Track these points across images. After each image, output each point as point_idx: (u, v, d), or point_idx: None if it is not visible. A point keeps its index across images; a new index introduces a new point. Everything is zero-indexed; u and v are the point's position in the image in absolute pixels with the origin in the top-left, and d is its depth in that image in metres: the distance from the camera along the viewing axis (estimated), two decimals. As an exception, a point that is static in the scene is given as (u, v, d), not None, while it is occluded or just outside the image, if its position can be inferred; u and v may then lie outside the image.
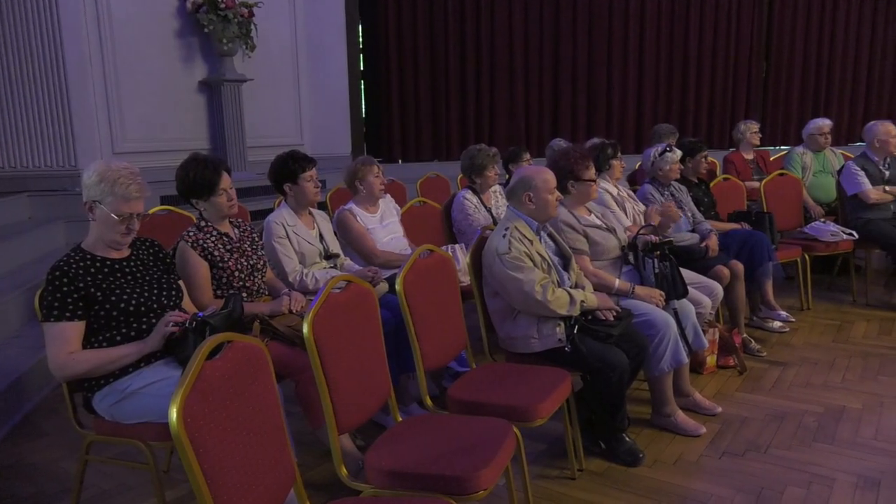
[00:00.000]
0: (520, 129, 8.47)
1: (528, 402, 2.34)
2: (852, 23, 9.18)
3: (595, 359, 2.64)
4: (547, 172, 2.84)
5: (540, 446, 2.93)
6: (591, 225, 3.23)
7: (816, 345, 4.04)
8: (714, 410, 3.19)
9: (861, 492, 2.52)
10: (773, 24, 9.06)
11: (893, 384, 3.45)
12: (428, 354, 2.46)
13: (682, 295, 3.16)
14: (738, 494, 2.54)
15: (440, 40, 8.09)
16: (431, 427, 2.18)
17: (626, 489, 2.61)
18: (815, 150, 5.37)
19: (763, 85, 9.20)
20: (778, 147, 8.70)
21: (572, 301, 2.70)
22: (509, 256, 2.68)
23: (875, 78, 9.38)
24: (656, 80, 8.81)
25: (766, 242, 4.13)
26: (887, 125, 4.77)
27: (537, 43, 8.37)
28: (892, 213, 4.69)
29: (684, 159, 4.23)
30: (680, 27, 8.76)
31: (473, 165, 4.04)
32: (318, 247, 3.24)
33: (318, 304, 1.96)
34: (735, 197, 4.86)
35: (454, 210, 4.06)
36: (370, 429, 2.88)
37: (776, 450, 2.86)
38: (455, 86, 8.24)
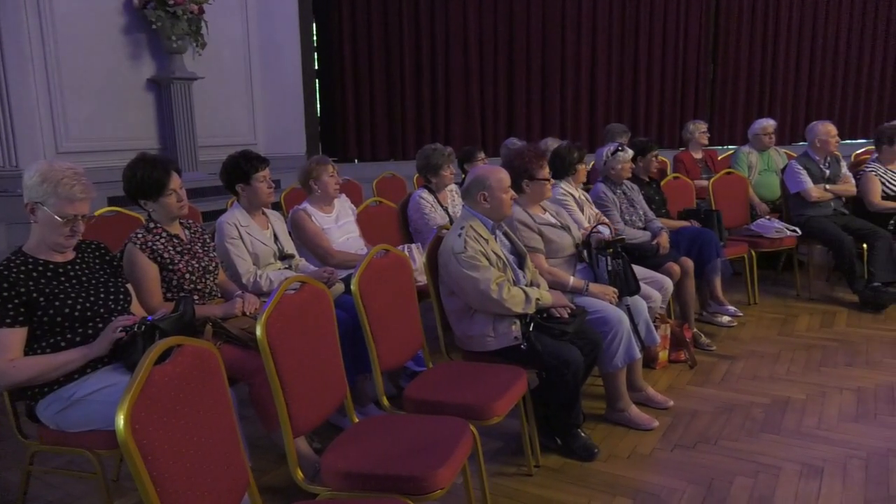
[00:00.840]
0: (475, 128, 8.51)
1: (485, 400, 2.35)
2: (794, 28, 9.50)
3: (550, 356, 2.67)
4: (501, 172, 2.86)
5: (497, 444, 2.95)
6: (546, 223, 3.26)
7: (763, 338, 4.17)
8: (666, 404, 3.26)
9: (805, 480, 2.61)
10: (719, 29, 9.31)
11: (835, 375, 3.59)
12: (384, 355, 2.45)
13: (634, 292, 3.22)
14: (690, 486, 2.60)
15: (395, 39, 8.06)
16: (388, 427, 2.17)
17: (582, 484, 2.65)
18: (760, 149, 5.54)
19: (710, 87, 9.45)
20: (725, 147, 8.94)
21: (528, 299, 2.73)
22: (465, 255, 2.69)
23: (815, 80, 9.73)
24: (608, 80, 8.96)
25: (714, 239, 4.25)
26: (827, 126, 4.95)
27: (492, 43, 8.41)
28: (833, 211, 4.87)
29: (636, 158, 4.32)
30: (631, 30, 8.92)
31: (429, 165, 4.04)
32: (273, 247, 3.20)
33: (272, 305, 1.93)
34: (685, 195, 4.98)
35: (410, 209, 4.06)
36: (327, 431, 2.86)
37: (725, 441, 2.94)
38: (411, 85, 8.22)
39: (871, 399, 3.28)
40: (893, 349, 3.90)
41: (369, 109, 8.15)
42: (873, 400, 3.27)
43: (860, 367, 3.68)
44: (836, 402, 3.26)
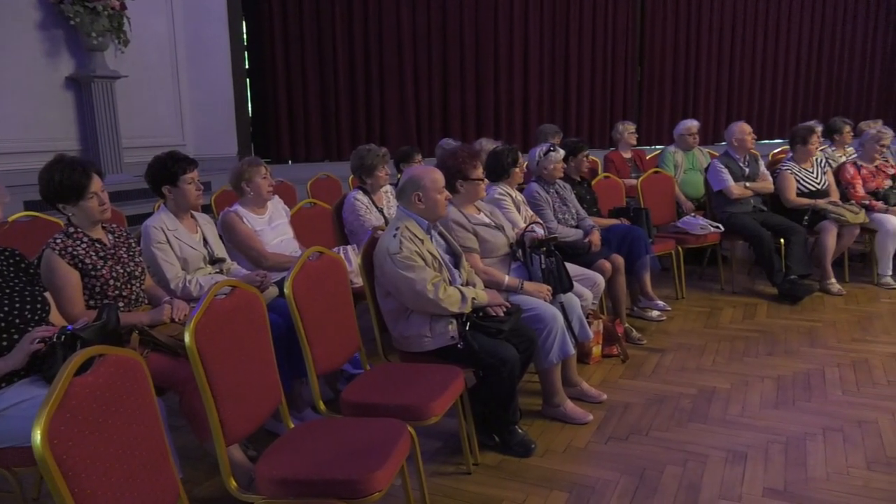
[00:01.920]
0: (411, 128, 8.51)
1: (422, 400, 2.35)
2: (714, 34, 9.92)
3: (487, 354, 2.70)
4: (435, 172, 2.87)
5: (436, 444, 2.96)
6: (481, 223, 3.29)
7: (690, 331, 4.33)
8: (600, 398, 3.34)
9: (730, 465, 2.73)
10: (645, 34, 9.62)
11: (756, 364, 3.76)
12: (320, 358, 2.42)
13: (567, 289, 3.29)
14: (623, 476, 2.67)
15: (328, 38, 7.97)
16: (324, 432, 2.14)
17: (520, 480, 2.68)
18: (685, 149, 5.75)
19: (638, 89, 9.75)
20: (653, 146, 9.24)
21: (464, 298, 2.75)
22: (400, 256, 2.68)
23: (735, 83, 10.18)
24: (541, 82, 9.12)
25: (643, 237, 4.38)
26: (742, 126, 5.18)
27: (425, 43, 8.43)
28: (753, 208, 5.10)
29: (567, 158, 4.41)
30: (561, 33, 9.11)
31: (363, 166, 4.01)
32: (202, 251, 3.11)
33: (201, 311, 1.88)
34: (615, 194, 5.11)
35: (345, 211, 4.02)
36: (263, 437, 2.80)
37: (656, 432, 3.04)
38: (345, 85, 8.15)
39: (790, 386, 3.46)
40: (809, 338, 4.12)
41: (303, 110, 8.03)
42: (791, 387, 3.45)
43: (779, 356, 3.87)
44: (757, 391, 3.42)
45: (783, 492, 2.54)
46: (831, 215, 4.93)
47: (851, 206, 5.00)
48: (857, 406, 3.21)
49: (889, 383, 3.46)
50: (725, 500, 2.50)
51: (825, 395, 3.34)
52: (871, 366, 3.67)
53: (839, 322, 4.38)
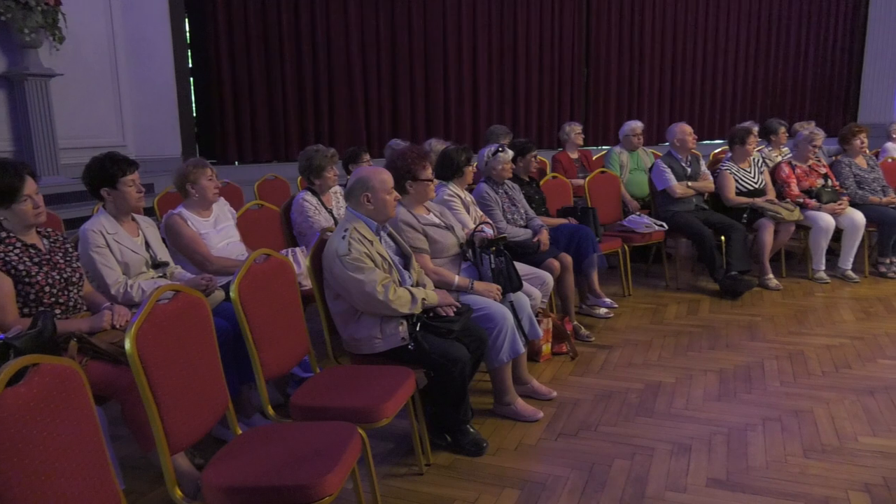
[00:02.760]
0: (360, 129, 8.45)
1: (373, 402, 2.34)
2: (657, 37, 10.17)
3: (438, 354, 2.70)
4: (384, 173, 2.86)
5: (388, 445, 2.94)
6: (431, 223, 3.30)
7: (636, 327, 4.42)
8: (550, 395, 3.38)
9: (675, 457, 2.80)
10: (590, 36, 9.79)
11: (700, 358, 3.87)
12: (268, 363, 2.38)
13: (517, 288, 3.32)
14: (573, 472, 2.72)
15: (274, 37, 7.85)
16: (273, 437, 2.11)
17: (472, 479, 2.70)
18: (630, 149, 5.89)
19: (585, 90, 9.91)
20: (599, 147, 9.41)
21: (414, 299, 2.75)
22: (349, 258, 2.66)
23: (677, 85, 10.46)
24: (489, 83, 9.18)
25: (591, 235, 4.45)
26: (683, 126, 5.33)
27: (374, 43, 8.39)
28: (694, 206, 5.25)
29: (516, 159, 4.45)
30: (509, 35, 9.19)
31: (311, 166, 3.96)
32: (144, 255, 3.02)
33: (142, 316, 1.82)
34: (562, 194, 5.19)
35: (293, 212, 3.97)
36: (210, 445, 2.73)
37: (604, 427, 3.09)
38: (292, 85, 8.04)
39: (731, 379, 3.57)
40: (749, 332, 4.26)
41: (249, 109, 7.88)
42: (733, 379, 3.56)
43: (721, 349, 3.99)
44: (701, 384, 3.52)
45: (725, 481, 2.62)
46: (768, 213, 5.12)
47: (787, 204, 5.20)
48: (794, 396, 3.34)
49: (823, 374, 3.61)
50: (671, 491, 2.57)
51: (764, 387, 3.47)
52: (806, 357, 3.82)
53: (777, 316, 4.55)
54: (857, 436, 2.94)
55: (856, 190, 5.41)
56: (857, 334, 4.17)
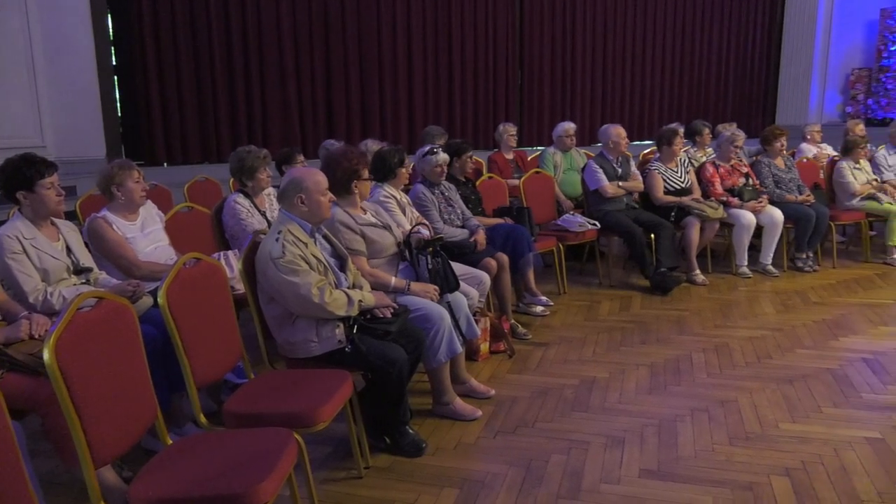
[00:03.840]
0: (294, 129, 8.31)
1: (309, 406, 2.31)
2: (587, 39, 10.40)
3: (375, 356, 2.69)
4: (318, 174, 2.82)
5: (325, 450, 2.91)
6: (368, 223, 3.28)
7: (572, 324, 4.52)
8: (488, 394, 3.42)
9: (609, 450, 2.88)
10: (524, 37, 9.93)
11: (632, 353, 3.99)
12: (200, 370, 2.31)
13: (454, 288, 3.34)
14: (511, 469, 2.75)
15: (203, 34, 7.62)
16: (206, 446, 2.05)
17: (412, 480, 2.69)
18: (563, 150, 6.01)
19: (519, 92, 10.05)
20: (534, 147, 9.56)
21: (350, 301, 2.73)
22: (283, 260, 2.62)
23: (608, 87, 10.73)
24: (425, 84, 9.19)
25: (526, 235, 4.52)
26: (618, 128, 5.48)
27: (307, 42, 8.27)
28: (625, 205, 5.40)
29: (452, 159, 4.47)
30: (444, 36, 9.22)
31: (243, 168, 3.87)
32: (66, 261, 2.88)
33: (61, 325, 1.74)
34: (498, 194, 5.25)
35: (225, 215, 3.87)
36: (140, 457, 2.64)
37: (542, 423, 3.15)
38: (223, 84, 7.83)
39: (662, 372, 3.69)
40: (678, 326, 4.42)
41: (178, 109, 7.63)
42: (663, 373, 3.68)
43: (652, 344, 4.12)
44: (633, 378, 3.62)
45: (657, 471, 2.71)
46: (694, 211, 5.32)
47: (711, 202, 5.42)
48: (720, 387, 3.49)
49: (747, 364, 3.77)
50: (606, 483, 2.64)
51: (693, 379, 3.60)
52: (731, 349, 3.99)
53: (703, 310, 4.73)
54: (778, 422, 3.09)
55: (774, 189, 5.68)
56: (777, 326, 4.37)
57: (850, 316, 4.54)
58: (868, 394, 3.37)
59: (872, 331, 4.27)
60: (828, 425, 3.05)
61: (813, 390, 3.41)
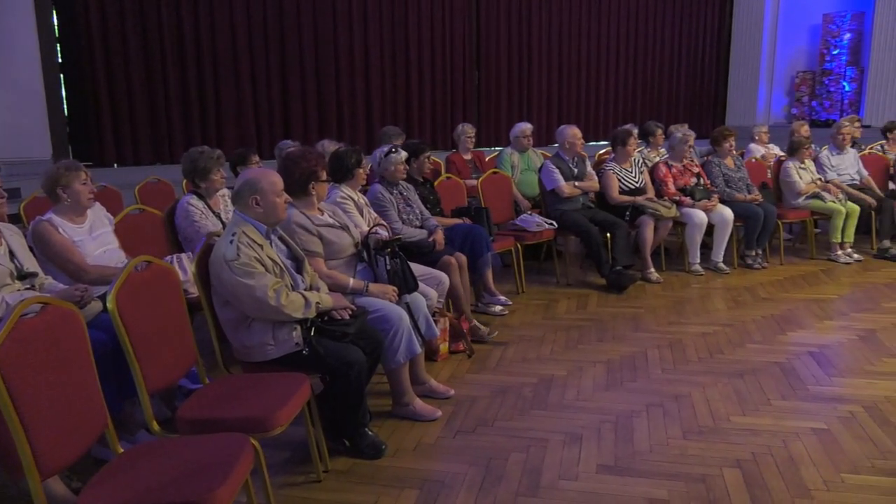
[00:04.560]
0: (249, 129, 8.18)
1: (266, 411, 2.28)
2: (544, 41, 10.52)
3: (333, 359, 2.67)
4: (273, 175, 2.79)
5: (283, 454, 2.87)
6: (325, 224, 3.25)
7: (530, 323, 4.56)
8: (448, 394, 3.42)
9: (568, 447, 2.91)
10: (481, 38, 9.98)
11: (589, 350, 4.04)
12: (152, 376, 2.26)
13: (413, 289, 3.33)
14: (471, 468, 2.76)
15: (154, 31, 7.44)
16: (159, 454, 2.01)
17: (371, 482, 2.68)
18: (520, 150, 6.05)
19: (477, 92, 10.09)
20: (492, 148, 9.61)
21: (307, 303, 2.70)
22: (238, 263, 2.57)
23: (564, 88, 10.86)
24: (382, 84, 9.15)
25: (484, 235, 4.55)
26: (573, 129, 5.56)
27: (262, 41, 8.15)
28: (581, 205, 5.48)
29: (409, 159, 4.47)
30: (401, 36, 9.20)
31: (196, 169, 3.80)
32: (9, 266, 2.78)
33: (3, 332, 1.68)
34: (456, 194, 5.26)
35: (178, 217, 3.78)
36: (90, 466, 2.56)
37: (501, 422, 3.17)
38: (175, 82, 7.65)
39: (618, 369, 3.75)
40: (633, 324, 4.50)
41: (128, 108, 7.43)
42: (619, 369, 3.75)
43: (608, 341, 4.19)
44: (590, 375, 3.67)
45: (614, 466, 2.75)
46: (648, 210, 5.42)
47: (664, 202, 5.53)
48: (674, 382, 3.56)
49: (699, 360, 3.87)
50: (564, 480, 2.67)
51: (648, 375, 3.67)
52: (684, 345, 4.08)
53: (658, 307, 4.83)
54: (730, 416, 3.17)
55: (724, 188, 5.83)
56: (728, 322, 4.49)
57: (797, 311, 4.70)
58: (814, 386, 3.49)
59: (818, 325, 4.43)
60: (776, 417, 3.15)
61: (762, 383, 3.51)
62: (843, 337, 4.18)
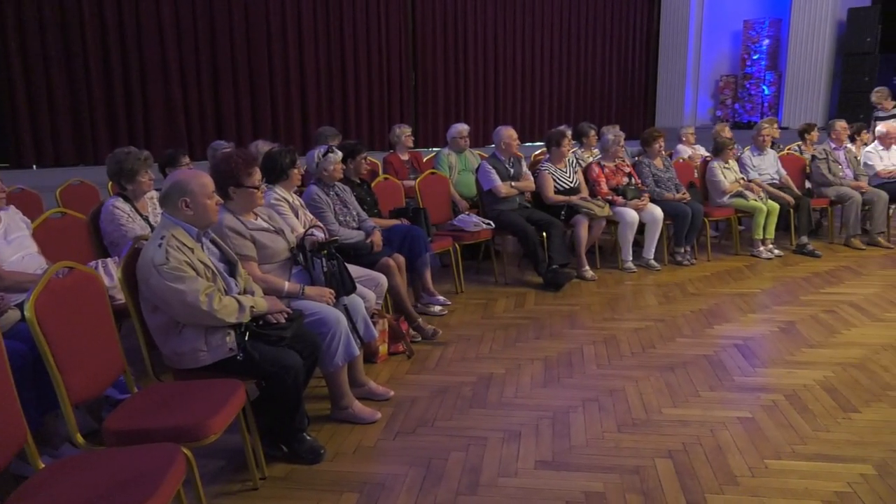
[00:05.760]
0: (180, 130, 7.94)
1: (198, 419, 2.21)
2: (479, 43, 10.63)
3: (269, 363, 2.62)
4: (203, 176, 2.71)
5: (218, 463, 2.80)
6: (259, 228, 3.18)
7: (469, 322, 4.59)
8: (387, 395, 3.41)
9: (507, 444, 2.94)
10: (416, 39, 10.00)
11: (527, 348, 4.10)
12: (75, 386, 2.16)
13: (350, 291, 3.30)
14: (412, 469, 2.76)
15: (75, 26, 7.13)
16: (84, 468, 1.92)
17: (310, 487, 2.64)
18: (457, 151, 6.09)
19: (414, 93, 10.10)
20: (429, 148, 9.63)
21: (241, 308, 2.64)
22: (167, 267, 2.49)
23: (500, 89, 11.00)
24: (318, 84, 9.05)
25: (422, 235, 4.55)
26: (509, 130, 5.62)
27: (191, 37, 7.93)
28: (518, 205, 5.55)
29: (346, 160, 4.43)
30: (336, 35, 9.12)
31: (122, 170, 3.65)
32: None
33: None
34: (394, 195, 5.25)
35: (103, 221, 3.63)
36: (9, 483, 2.43)
37: (441, 421, 3.17)
38: (99, 81, 7.35)
39: (555, 365, 3.82)
40: (570, 321, 4.59)
41: (48, 107, 7.10)
42: (556, 366, 3.81)
43: (546, 339, 4.26)
44: (528, 372, 3.73)
45: (552, 462, 2.80)
46: (583, 210, 5.54)
47: (598, 201, 5.66)
48: (608, 377, 3.65)
49: (633, 355, 3.97)
50: (503, 477, 2.70)
51: (584, 371, 3.75)
52: (618, 341, 4.19)
53: (593, 304, 4.94)
54: (661, 408, 3.27)
55: (654, 188, 6.01)
56: (659, 317, 4.64)
57: (724, 305, 4.89)
58: (739, 377, 3.64)
59: (742, 318, 4.62)
60: (704, 408, 3.27)
61: (692, 376, 3.64)
62: (765, 329, 4.38)
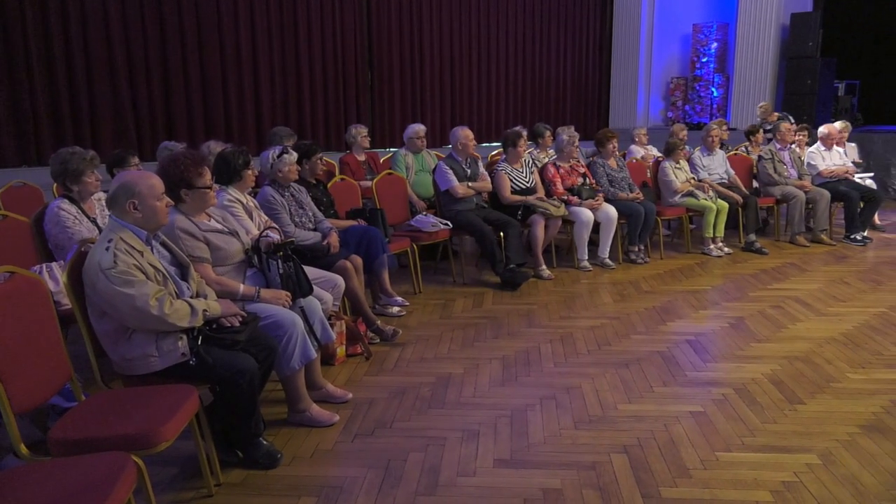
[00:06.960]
0: (128, 129, 7.72)
1: (149, 426, 2.15)
2: (435, 44, 10.64)
3: (223, 367, 2.57)
4: (152, 177, 2.64)
5: (171, 470, 2.73)
6: (212, 230, 3.11)
7: (428, 323, 4.58)
8: (345, 397, 3.38)
9: (465, 444, 2.95)
10: (372, 39, 9.94)
11: (485, 348, 4.12)
12: (17, 395, 2.08)
13: (307, 293, 3.26)
14: (370, 471, 2.74)
15: (15, 23, 6.86)
16: (28, 479, 1.85)
17: (267, 493, 2.60)
18: (414, 151, 6.08)
19: (370, 93, 10.04)
20: (386, 149, 9.60)
21: (193, 311, 2.58)
22: (115, 271, 2.42)
23: (457, 90, 11.04)
24: (272, 84, 8.92)
25: (380, 236, 4.53)
26: (465, 130, 5.64)
27: (140, 34, 7.72)
28: (475, 205, 5.57)
29: (301, 161, 4.37)
30: (290, 34, 9.01)
31: (67, 171, 3.54)
32: None
33: None
34: (351, 196, 5.21)
35: (47, 223, 3.51)
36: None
37: (399, 422, 3.16)
38: (42, 79, 7.10)
39: (513, 364, 3.85)
40: (527, 319, 4.63)
41: (-13, 105, 6.83)
42: (514, 365, 3.84)
43: (504, 338, 4.28)
44: (486, 372, 3.74)
45: (510, 460, 2.82)
46: (539, 210, 5.60)
47: (554, 201, 5.73)
48: (565, 375, 3.70)
49: (589, 352, 4.03)
50: (462, 476, 2.70)
51: (541, 369, 3.79)
52: (574, 339, 4.24)
53: (550, 303, 4.99)
54: (617, 404, 3.33)
55: (609, 187, 6.11)
56: (614, 315, 4.72)
57: (676, 302, 5.00)
58: (691, 372, 3.73)
59: (694, 315, 4.73)
60: (658, 403, 3.34)
61: (646, 372, 3.72)
62: (716, 325, 4.50)
